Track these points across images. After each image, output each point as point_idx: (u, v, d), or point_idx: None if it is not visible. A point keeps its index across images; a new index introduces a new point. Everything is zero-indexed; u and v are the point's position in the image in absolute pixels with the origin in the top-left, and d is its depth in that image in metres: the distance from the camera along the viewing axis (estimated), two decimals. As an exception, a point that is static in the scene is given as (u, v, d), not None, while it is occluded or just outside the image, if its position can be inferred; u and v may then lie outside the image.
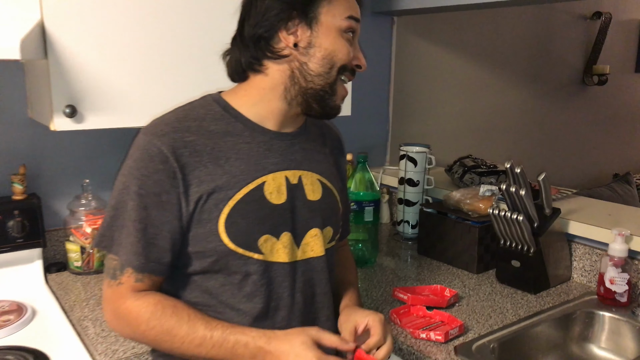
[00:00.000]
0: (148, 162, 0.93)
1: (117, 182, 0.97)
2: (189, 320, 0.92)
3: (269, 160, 0.99)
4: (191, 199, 0.93)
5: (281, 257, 0.98)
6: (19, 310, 1.40)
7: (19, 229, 1.51)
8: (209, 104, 1.01)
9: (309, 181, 1.04)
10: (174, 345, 0.92)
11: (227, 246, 0.94)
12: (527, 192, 1.44)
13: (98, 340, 1.24)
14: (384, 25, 2.24)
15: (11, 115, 1.58)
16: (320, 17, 0.96)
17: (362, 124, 2.25)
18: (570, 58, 3.12)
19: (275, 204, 0.98)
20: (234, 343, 0.91)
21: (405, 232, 1.95)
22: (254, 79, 1.01)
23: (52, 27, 1.25)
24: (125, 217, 0.94)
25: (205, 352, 0.91)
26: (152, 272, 0.94)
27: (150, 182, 0.92)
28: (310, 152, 1.07)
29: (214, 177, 0.94)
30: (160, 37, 1.39)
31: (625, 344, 1.36)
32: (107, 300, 0.97)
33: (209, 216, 0.93)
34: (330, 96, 1.00)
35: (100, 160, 1.72)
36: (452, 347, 1.21)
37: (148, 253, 0.93)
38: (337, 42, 0.98)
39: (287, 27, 0.96)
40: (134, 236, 0.93)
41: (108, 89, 1.34)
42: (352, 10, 0.99)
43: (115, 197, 0.96)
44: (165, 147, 0.92)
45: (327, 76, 0.98)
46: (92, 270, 1.62)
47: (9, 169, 1.56)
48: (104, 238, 0.97)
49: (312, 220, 1.03)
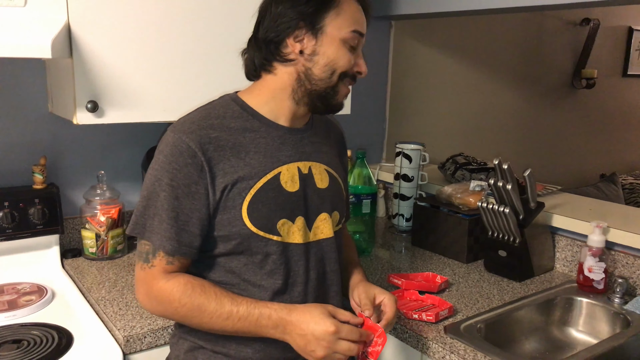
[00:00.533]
0: (178, 157, 1.02)
1: (148, 176, 1.07)
2: (216, 297, 1.01)
3: (283, 153, 1.10)
4: (217, 188, 1.03)
5: (296, 238, 1.09)
6: (39, 291, 1.50)
7: (39, 216, 1.61)
8: (228, 103, 1.12)
9: (317, 171, 1.15)
10: (203, 320, 1.01)
11: (249, 229, 1.04)
12: (514, 187, 1.56)
13: (116, 317, 1.34)
14: (382, 29, 2.35)
15: (33, 109, 1.68)
16: (326, 28, 1.06)
17: (361, 123, 2.36)
18: (560, 62, 3.24)
19: (290, 191, 1.09)
20: (258, 316, 1.01)
21: (400, 225, 2.06)
22: (266, 79, 1.12)
23: (78, 28, 1.36)
24: (158, 207, 1.03)
25: (231, 325, 1.01)
26: (183, 255, 1.04)
27: (181, 175, 1.02)
28: (318, 145, 1.18)
29: (237, 169, 1.04)
30: (178, 38, 1.50)
31: (601, 327, 1.48)
32: (139, 282, 1.07)
33: (233, 203, 1.04)
34: (333, 96, 1.11)
35: (114, 153, 1.83)
36: (442, 327, 1.32)
37: (180, 238, 1.02)
38: (339, 52, 1.07)
39: (294, 35, 1.06)
40: (167, 223, 1.02)
41: (128, 85, 1.45)
42: (356, 25, 1.08)
43: (148, 189, 1.06)
44: (193, 143, 1.02)
45: (329, 81, 1.09)
46: (106, 256, 1.72)
47: (31, 160, 1.67)
48: (137, 225, 1.06)
49: (322, 206, 1.14)
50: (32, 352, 1.21)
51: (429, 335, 1.29)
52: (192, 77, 1.53)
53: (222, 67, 1.55)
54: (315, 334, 0.99)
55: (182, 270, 1.06)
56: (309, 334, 0.99)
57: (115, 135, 1.82)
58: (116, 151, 1.83)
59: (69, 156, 1.76)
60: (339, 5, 1.06)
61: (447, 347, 1.24)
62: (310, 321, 1.00)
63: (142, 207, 1.06)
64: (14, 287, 1.52)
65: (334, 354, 1.00)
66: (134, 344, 1.26)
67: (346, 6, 1.07)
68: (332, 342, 0.99)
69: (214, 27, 1.54)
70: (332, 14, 1.06)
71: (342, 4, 1.07)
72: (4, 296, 1.46)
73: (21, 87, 1.65)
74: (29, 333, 1.29)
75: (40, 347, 1.23)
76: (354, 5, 1.09)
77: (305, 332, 0.99)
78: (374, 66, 2.35)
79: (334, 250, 1.15)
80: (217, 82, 1.53)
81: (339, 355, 1.01)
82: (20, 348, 1.23)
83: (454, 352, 1.22)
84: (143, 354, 1.28)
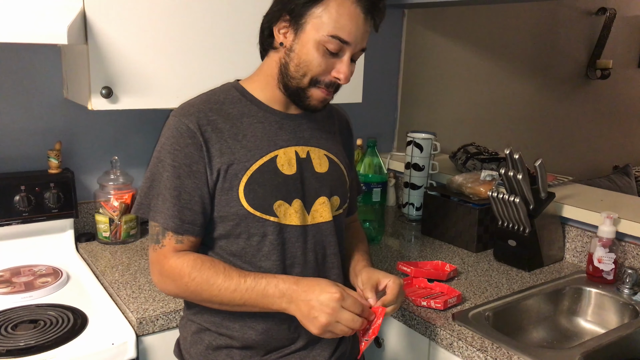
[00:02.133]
0: (179, 138, 1.05)
1: (152, 157, 1.10)
2: (224, 270, 1.04)
3: (280, 137, 1.12)
4: (214, 168, 1.05)
5: (293, 220, 1.10)
6: (55, 273, 1.53)
7: (54, 200, 1.64)
8: (228, 89, 1.14)
9: (316, 156, 1.16)
10: (212, 293, 1.03)
11: (246, 209, 1.06)
12: (524, 177, 1.56)
13: (129, 300, 1.37)
14: (395, 17, 2.35)
15: (48, 95, 1.70)
16: (306, 26, 1.03)
17: (372, 111, 2.37)
18: (575, 52, 3.21)
19: (287, 174, 1.10)
20: (265, 284, 1.02)
21: (410, 213, 2.07)
22: (263, 64, 1.15)
23: (93, 15, 1.37)
24: (161, 187, 1.06)
25: (239, 297, 1.02)
26: (189, 233, 1.06)
27: (182, 154, 1.05)
28: (318, 131, 1.19)
29: (233, 151, 1.07)
30: (191, 25, 1.51)
31: (609, 318, 1.48)
32: (153, 263, 1.09)
33: (230, 184, 1.06)
34: (304, 98, 1.09)
35: (128, 139, 1.85)
36: (450, 314, 1.33)
37: (182, 216, 1.05)
38: (312, 54, 1.03)
39: (278, 26, 1.07)
40: (170, 202, 1.05)
41: (141, 72, 1.46)
42: (339, 31, 1.01)
43: (151, 170, 1.09)
44: (192, 124, 1.05)
45: (299, 81, 1.07)
46: (119, 241, 1.75)
47: (46, 145, 1.70)
48: (142, 205, 1.09)
49: (320, 190, 1.15)
50: (48, 332, 1.24)
51: (437, 322, 1.30)
52: (205, 64, 1.55)
53: (234, 54, 1.56)
54: (320, 298, 0.99)
55: (192, 249, 1.09)
56: (314, 299, 0.99)
57: (128, 121, 1.84)
58: (130, 137, 1.85)
59: (83, 141, 1.78)
60: (328, 4, 1.01)
61: (454, 334, 1.25)
62: (317, 288, 1.00)
63: (146, 187, 1.09)
64: (30, 269, 1.55)
65: (336, 323, 0.99)
66: (147, 326, 1.29)
67: (336, 6, 1.01)
68: (336, 309, 0.98)
69: (227, 14, 1.55)
70: (318, 11, 1.01)
71: (331, 2, 1.00)
72: (21, 278, 1.50)
73: (37, 73, 1.68)
74: (45, 313, 1.33)
75: (56, 327, 1.26)
76: (346, 7, 1.01)
77: (310, 298, 0.99)
78: (386, 55, 2.35)
79: (333, 234, 1.16)
80: (230, 69, 1.54)
81: (341, 326, 0.99)
82: (37, 328, 1.26)
83: (462, 339, 1.23)
84: (155, 336, 1.31)
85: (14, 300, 1.38)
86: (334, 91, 1.10)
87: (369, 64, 2.09)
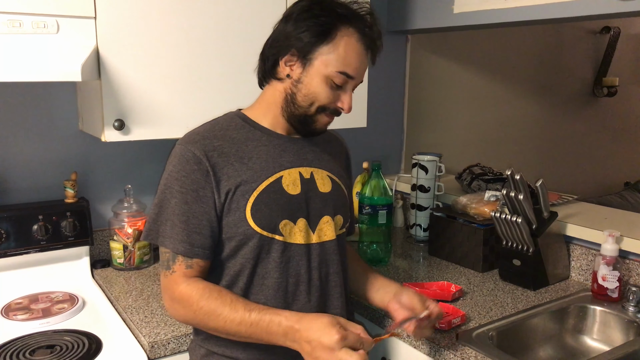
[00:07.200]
0: (185, 165, 1.11)
1: (160, 185, 1.15)
2: (231, 302, 1.07)
3: (284, 159, 1.17)
4: (222, 192, 1.10)
5: (298, 239, 1.15)
6: (71, 299, 1.59)
7: (70, 229, 1.70)
8: (231, 117, 1.21)
9: (319, 176, 1.21)
10: (218, 324, 1.07)
11: (253, 229, 1.11)
12: (526, 197, 1.59)
13: (142, 325, 1.41)
14: (399, 43, 2.41)
15: (64, 128, 1.78)
16: (315, 62, 1.11)
17: (379, 135, 2.41)
18: (580, 71, 3.24)
19: (292, 194, 1.15)
20: (268, 322, 1.05)
21: (418, 234, 2.10)
22: (265, 92, 1.21)
23: (105, 52, 1.45)
24: (169, 212, 1.11)
25: (244, 330, 1.06)
26: (199, 257, 1.11)
27: (189, 181, 1.10)
28: (320, 153, 1.25)
29: (240, 173, 1.12)
30: (200, 58, 1.58)
31: (615, 336, 1.49)
32: (164, 289, 1.14)
33: (237, 205, 1.11)
34: (311, 124, 1.17)
35: (141, 168, 1.92)
36: (455, 334, 1.35)
37: (192, 240, 1.10)
38: (320, 87, 1.11)
39: (286, 59, 1.13)
40: (179, 227, 1.10)
41: (152, 104, 1.53)
42: (346, 67, 1.10)
43: (159, 197, 1.14)
44: (198, 151, 1.11)
45: (307, 110, 1.15)
46: (133, 267, 1.80)
47: (62, 176, 1.77)
48: (151, 231, 1.15)
49: (324, 209, 1.20)
50: (64, 357, 1.29)
51: (441, 343, 1.32)
52: (213, 95, 1.61)
53: (242, 85, 1.63)
54: (322, 340, 1.01)
55: (202, 274, 1.13)
56: (315, 340, 1.01)
57: (141, 151, 1.91)
58: (142, 166, 1.92)
59: (98, 171, 1.85)
60: (336, 42, 1.09)
61: (458, 354, 1.27)
62: (318, 329, 1.03)
63: (155, 214, 1.14)
64: (47, 296, 1.61)
65: None
66: (159, 350, 1.33)
67: (343, 45, 1.10)
68: (336, 350, 1.00)
69: (235, 46, 1.62)
70: (326, 49, 1.09)
71: (340, 42, 1.09)
72: (39, 304, 1.55)
73: (53, 107, 1.75)
74: (62, 339, 1.37)
75: (72, 352, 1.31)
76: (353, 46, 1.10)
77: (312, 339, 1.02)
78: (391, 79, 2.41)
79: (337, 252, 1.20)
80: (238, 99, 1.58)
81: None
82: (54, 353, 1.30)
83: (465, 359, 1.25)
84: (167, 359, 1.35)
85: (32, 327, 1.43)
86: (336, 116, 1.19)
87: (375, 89, 2.14)
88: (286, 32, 1.12)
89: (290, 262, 1.14)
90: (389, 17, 2.32)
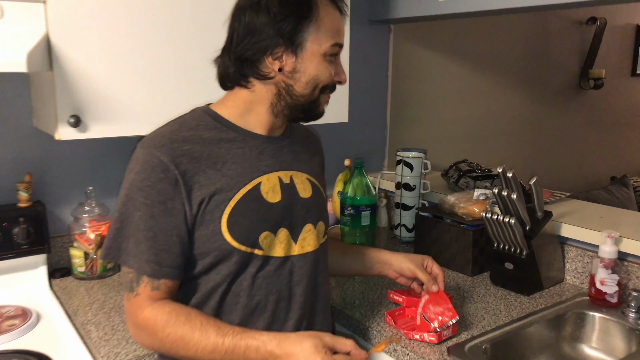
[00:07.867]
0: (150, 173, 0.97)
1: (120, 196, 1.01)
2: (201, 326, 0.95)
3: (262, 162, 1.05)
4: (194, 202, 0.97)
5: (277, 251, 1.03)
6: (23, 315, 1.44)
7: (23, 236, 1.56)
8: (200, 115, 1.06)
9: (299, 180, 1.10)
10: (188, 352, 0.95)
11: (230, 244, 0.98)
12: (519, 196, 1.48)
13: (101, 343, 1.28)
14: (381, 33, 2.29)
15: (17, 124, 1.62)
16: (306, 44, 1.01)
17: (361, 130, 2.29)
18: (567, 63, 3.16)
19: (271, 202, 1.04)
20: (245, 348, 0.94)
21: (402, 235, 1.98)
22: (240, 92, 1.07)
23: (58, 40, 1.30)
24: (133, 227, 0.98)
25: (219, 358, 0.94)
26: (167, 277, 0.98)
27: (154, 191, 0.96)
28: (298, 153, 1.13)
29: (214, 181, 0.99)
30: (162, 49, 1.44)
31: (616, 344, 1.39)
32: (127, 315, 1.01)
33: (211, 217, 0.98)
34: (315, 108, 1.08)
35: (103, 168, 1.77)
36: (445, 347, 1.24)
37: (160, 259, 0.97)
38: (319, 68, 1.03)
39: (272, 53, 1.00)
40: (145, 244, 0.96)
41: (111, 99, 1.39)
42: (336, 37, 1.04)
43: (119, 210, 1.00)
44: (165, 157, 0.97)
45: (311, 96, 1.05)
46: (95, 276, 1.66)
47: (15, 177, 1.61)
48: (111, 250, 1.01)
49: (307, 217, 1.09)
50: (9, 383, 1.15)
51: (431, 358, 1.21)
52: (177, 89, 1.47)
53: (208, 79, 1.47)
54: None
55: (170, 294, 1.00)
56: None
57: (104, 150, 1.76)
58: (106, 166, 1.77)
59: (55, 172, 1.70)
60: (318, 17, 1.00)
61: (450, 370, 1.16)
62: (300, 355, 0.93)
63: (115, 229, 1.00)
64: (-3, 311, 1.46)
65: None
66: (118, 372, 1.20)
67: (325, 16, 1.02)
68: None
69: (199, 38, 1.48)
70: (312, 28, 1.00)
71: (321, 15, 1.01)
72: (-14, 321, 1.41)
73: (5, 102, 1.60)
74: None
75: (19, 377, 1.17)
76: (331, 13, 1.04)
77: None
78: (373, 72, 2.29)
79: (321, 261, 1.10)
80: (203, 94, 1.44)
81: None
82: (-2, 378, 1.16)
83: (458, 377, 1.14)
84: (127, 382, 1.22)
85: (-24, 348, 1.29)
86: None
87: (356, 82, 2.03)
88: (262, 25, 0.98)
89: (270, 278, 1.03)
90: (370, 5, 2.20)
